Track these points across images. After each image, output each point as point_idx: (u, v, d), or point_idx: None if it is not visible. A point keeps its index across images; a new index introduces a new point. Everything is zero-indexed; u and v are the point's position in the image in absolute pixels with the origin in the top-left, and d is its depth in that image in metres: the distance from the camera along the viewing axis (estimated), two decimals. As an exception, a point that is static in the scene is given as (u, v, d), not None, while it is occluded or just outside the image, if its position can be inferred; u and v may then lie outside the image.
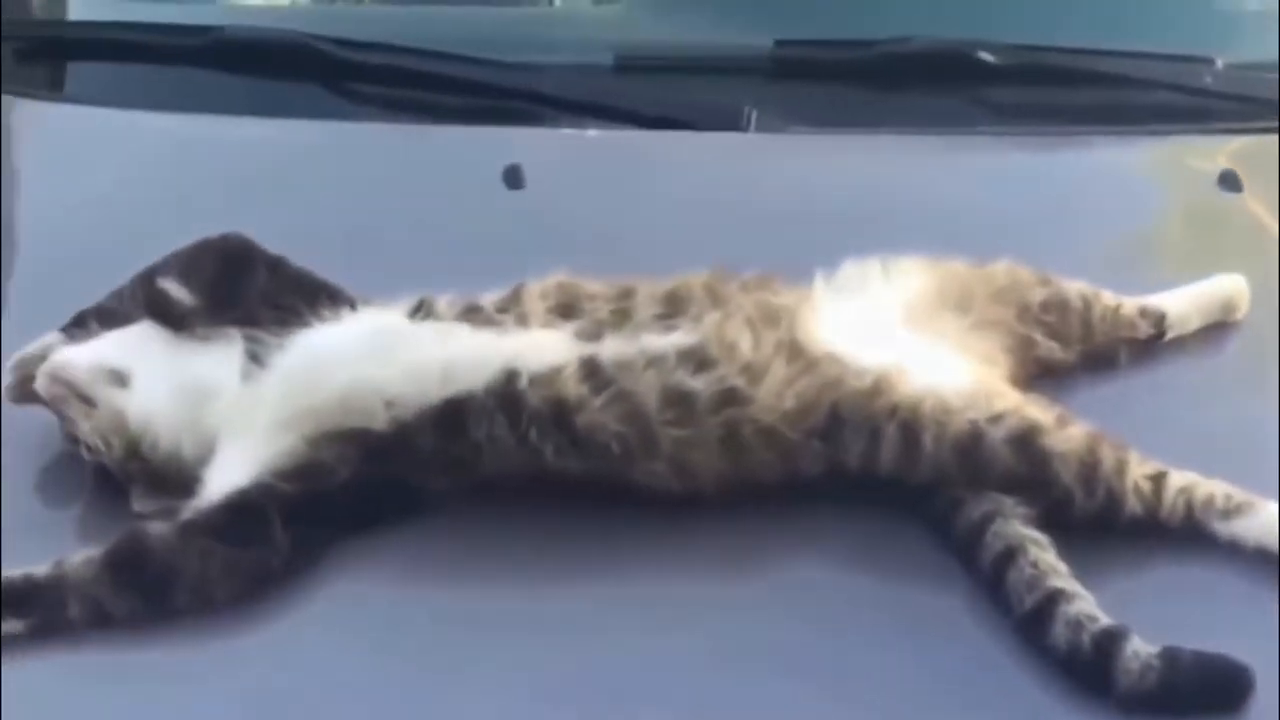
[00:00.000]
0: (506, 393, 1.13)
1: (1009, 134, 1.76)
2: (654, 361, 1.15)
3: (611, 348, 1.15)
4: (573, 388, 1.13)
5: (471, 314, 1.17)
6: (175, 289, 1.20)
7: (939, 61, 1.77)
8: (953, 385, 1.17)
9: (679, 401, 1.14)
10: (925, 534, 1.18)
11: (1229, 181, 1.61)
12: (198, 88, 1.76)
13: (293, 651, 1.09)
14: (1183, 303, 1.38)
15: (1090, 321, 1.33)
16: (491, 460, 1.15)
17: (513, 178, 1.52)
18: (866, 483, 1.18)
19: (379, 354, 1.15)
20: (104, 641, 1.07)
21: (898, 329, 1.23)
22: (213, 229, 1.45)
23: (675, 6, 1.98)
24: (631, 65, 1.75)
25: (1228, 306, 1.40)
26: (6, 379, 1.20)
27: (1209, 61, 1.80)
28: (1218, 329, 1.42)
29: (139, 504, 1.16)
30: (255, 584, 1.10)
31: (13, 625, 1.07)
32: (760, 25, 1.78)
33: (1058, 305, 1.32)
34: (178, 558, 1.09)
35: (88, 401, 1.16)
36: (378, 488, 1.14)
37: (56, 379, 1.16)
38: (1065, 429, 1.16)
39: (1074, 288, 1.34)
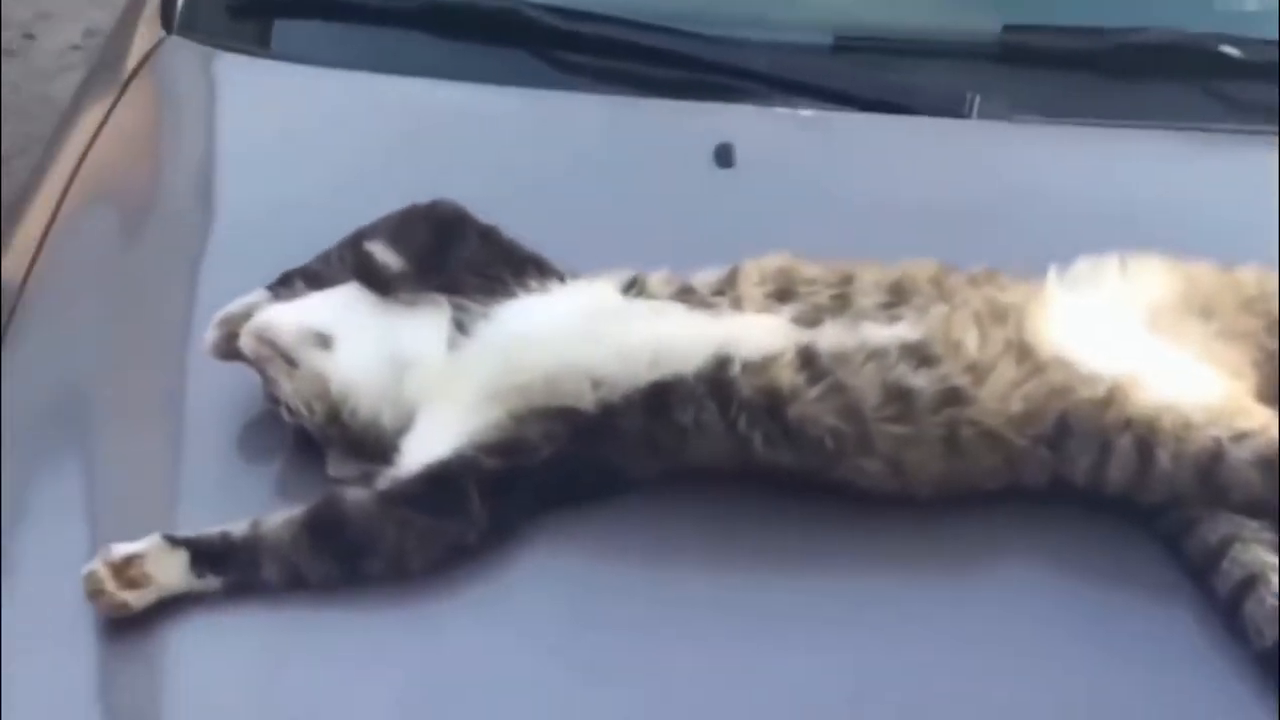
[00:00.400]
0: (717, 379, 1.09)
1: (1247, 131, 1.67)
2: (874, 354, 1.09)
3: (830, 336, 1.10)
4: (787, 377, 1.08)
5: (685, 294, 1.12)
6: (383, 253, 1.17)
7: (1177, 53, 1.67)
8: (1194, 399, 1.09)
9: (899, 398, 1.08)
10: (1145, 543, 1.12)
11: None
12: (406, 50, 1.75)
13: (480, 624, 1.07)
14: None
15: None
16: (696, 446, 1.10)
17: (724, 156, 1.48)
18: (1091, 494, 1.12)
19: (590, 332, 1.11)
20: (296, 602, 1.07)
21: (1135, 333, 1.15)
22: (411, 192, 1.45)
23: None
24: (851, 46, 1.69)
25: None
26: (211, 334, 1.18)
27: None
28: None
29: (334, 468, 1.14)
30: (449, 555, 1.07)
31: (209, 582, 1.06)
32: (986, 9, 1.71)
33: None
34: (375, 526, 1.06)
35: (291, 363, 1.14)
36: (578, 467, 1.11)
37: (261, 338, 1.14)
38: None
39: None
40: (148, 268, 1.39)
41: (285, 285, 1.20)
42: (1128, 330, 1.15)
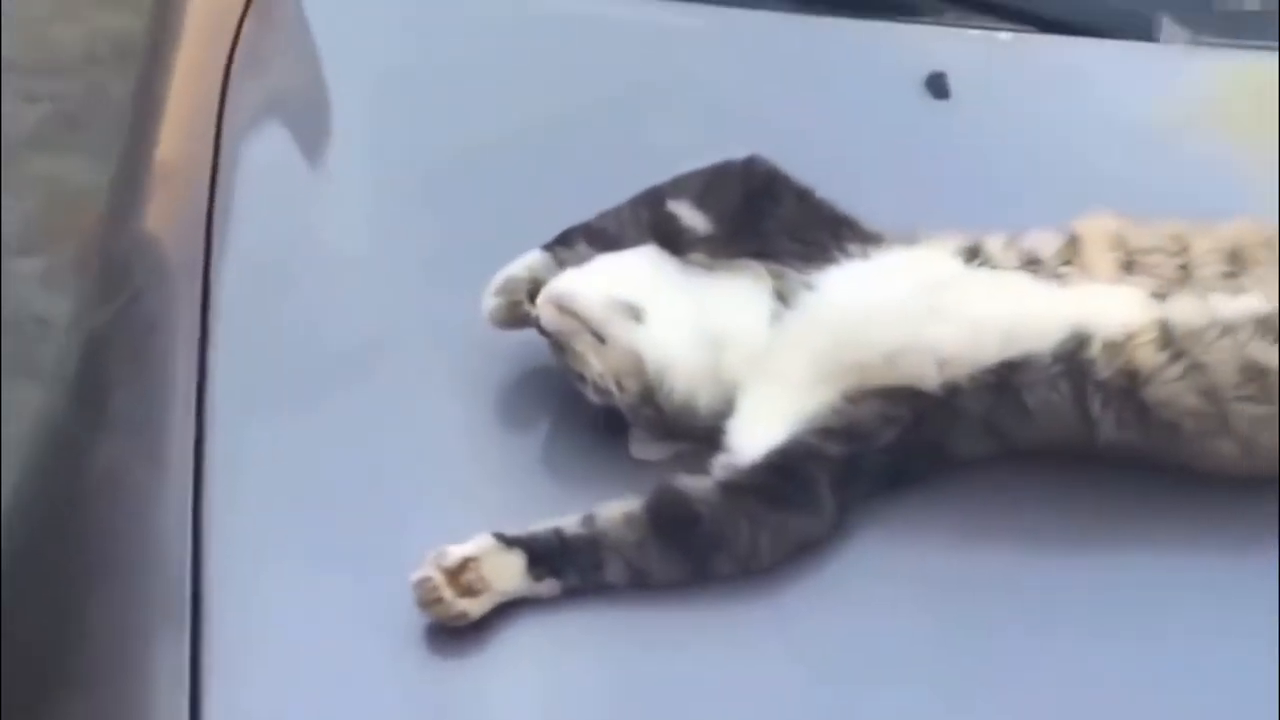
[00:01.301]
0: (1075, 357, 1.02)
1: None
2: (1227, 329, 1.03)
3: (1182, 310, 1.04)
4: (1148, 356, 1.02)
5: (1033, 264, 1.05)
6: (689, 214, 1.08)
7: None
8: None
9: (1256, 375, 1.03)
10: None
11: None
12: None
13: (834, 618, 1.00)
14: None
15: None
16: (1038, 428, 1.04)
17: (938, 86, 1.40)
18: None
19: (934, 306, 1.03)
20: (640, 603, 0.99)
21: None
22: (595, 114, 1.36)
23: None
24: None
25: None
26: (491, 301, 1.08)
27: None
28: None
29: (640, 450, 1.06)
30: (800, 550, 1.00)
31: (548, 585, 0.97)
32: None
33: None
34: (726, 523, 0.99)
35: (599, 336, 1.05)
36: (916, 450, 1.04)
37: (566, 309, 1.04)
38: None
39: None
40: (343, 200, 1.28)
41: (565, 245, 1.10)
42: None
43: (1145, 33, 1.51)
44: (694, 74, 1.44)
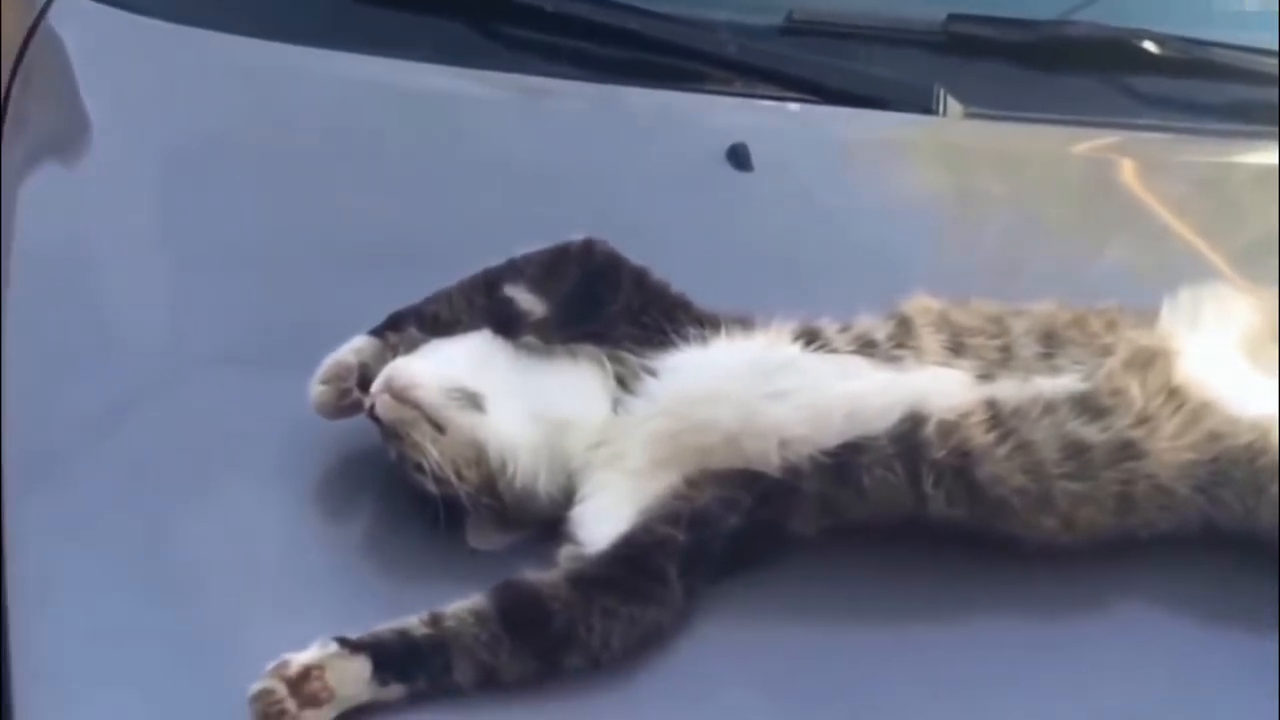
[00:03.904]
0: (910, 438, 1.04)
1: (1159, 128, 1.73)
2: (1048, 408, 1.07)
3: (1008, 391, 1.07)
4: (978, 436, 1.05)
5: (868, 348, 1.07)
6: (526, 298, 1.06)
7: (1097, 47, 1.72)
8: (1328, 439, 1.13)
9: (1076, 453, 1.06)
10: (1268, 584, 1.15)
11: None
12: (284, 12, 1.58)
13: (685, 707, 0.99)
14: None
15: None
16: (873, 505, 1.06)
17: (739, 157, 1.41)
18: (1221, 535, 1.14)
19: (775, 390, 1.04)
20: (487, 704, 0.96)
21: (1250, 368, 1.17)
22: (378, 184, 1.33)
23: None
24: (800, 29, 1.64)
25: None
26: (318, 389, 1.04)
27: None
28: None
29: (477, 540, 1.03)
30: (649, 641, 0.99)
31: (394, 690, 0.93)
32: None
33: None
34: (579, 618, 0.97)
35: (438, 427, 1.02)
36: (759, 531, 1.04)
37: (405, 399, 1.01)
38: None
39: None
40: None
41: (395, 330, 1.07)
42: (1244, 366, 1.18)
43: (925, 105, 1.57)
44: (497, 144, 1.42)
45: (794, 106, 1.52)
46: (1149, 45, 1.67)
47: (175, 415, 1.07)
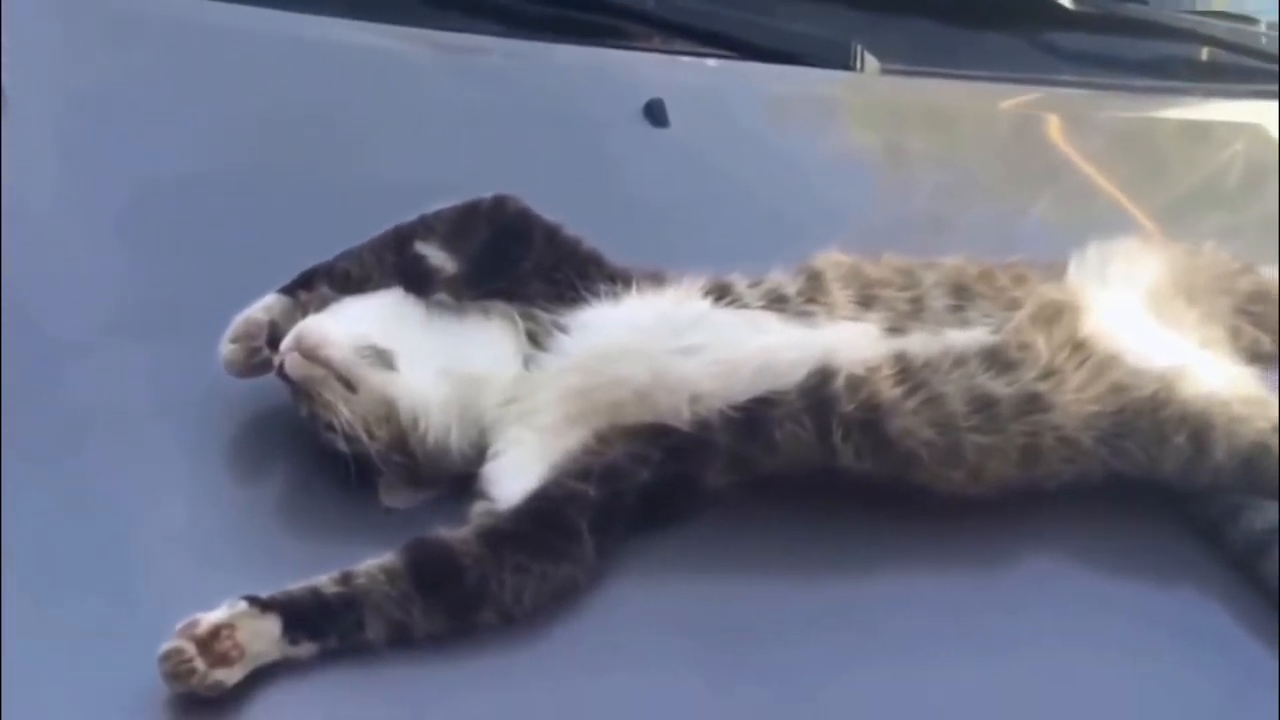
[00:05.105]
0: (820, 391, 1.05)
1: (1077, 84, 1.74)
2: (958, 362, 1.08)
3: (918, 344, 1.08)
4: (887, 390, 1.05)
5: (779, 303, 1.07)
6: (437, 255, 1.05)
7: (1013, 4, 1.73)
8: (1233, 390, 1.14)
9: (984, 406, 1.07)
10: (1171, 531, 1.17)
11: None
12: None
13: (594, 664, 0.99)
14: None
15: None
16: (783, 459, 1.06)
17: (656, 114, 1.40)
18: (1126, 485, 1.15)
19: (686, 345, 1.04)
20: (402, 660, 0.96)
21: (1156, 322, 1.19)
22: (286, 140, 1.31)
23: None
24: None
25: None
26: (228, 348, 1.04)
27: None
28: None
29: (390, 498, 1.03)
30: (560, 599, 0.99)
31: (305, 648, 0.93)
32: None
33: (1261, 294, 1.30)
34: (490, 574, 0.97)
35: (348, 385, 1.01)
36: (671, 487, 1.04)
37: (314, 357, 1.00)
38: None
39: (1268, 275, 1.33)
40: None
41: (306, 288, 1.06)
42: (1150, 320, 1.19)
43: (843, 61, 1.58)
44: (411, 100, 1.42)
45: (712, 62, 1.54)
46: (1065, 2, 1.70)
47: (83, 380, 1.06)
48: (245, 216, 1.22)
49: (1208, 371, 1.15)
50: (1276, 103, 1.74)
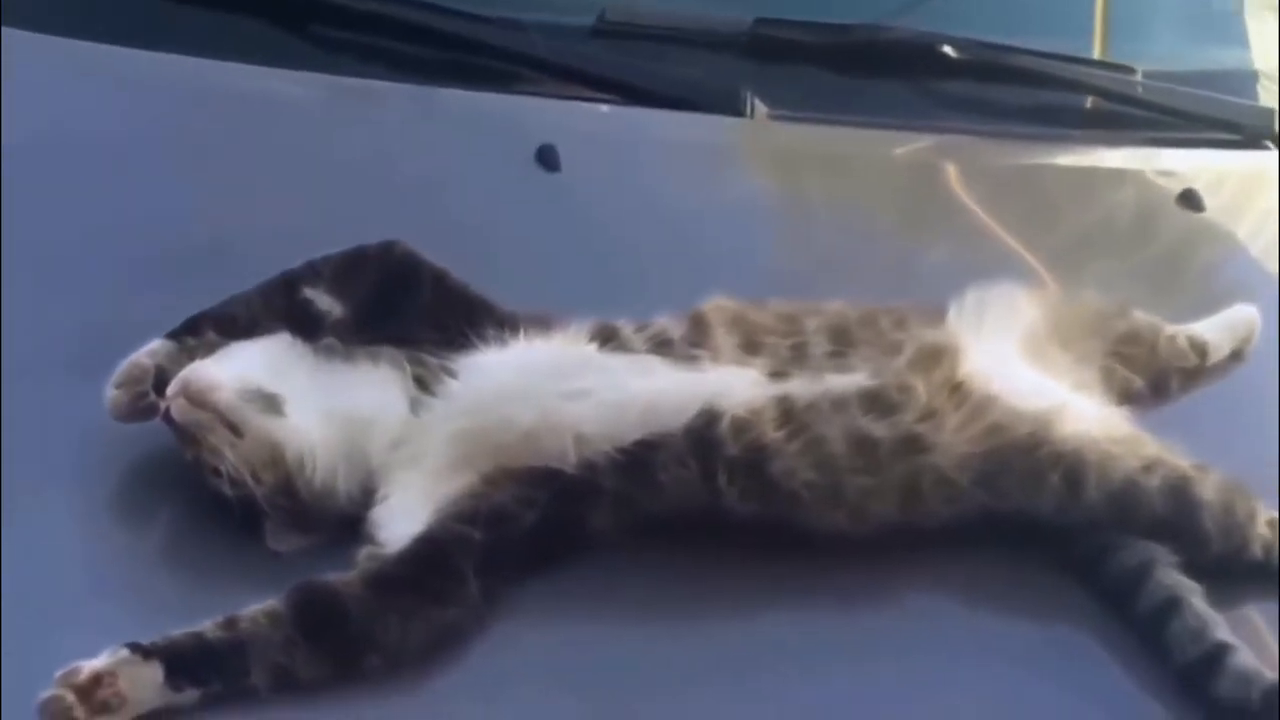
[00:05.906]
0: (705, 434, 1.07)
1: (966, 130, 1.78)
2: (839, 405, 1.10)
3: (800, 388, 1.10)
4: (770, 432, 1.08)
5: (664, 347, 1.09)
6: (325, 300, 1.06)
7: (901, 51, 1.77)
8: (1103, 430, 1.18)
9: (865, 449, 1.10)
10: (1046, 569, 1.20)
11: (1190, 200, 1.68)
12: (94, 11, 1.55)
13: (460, 706, 1.00)
14: (1217, 333, 1.44)
15: (1156, 351, 1.36)
16: (669, 501, 1.08)
17: (548, 159, 1.42)
18: (1003, 525, 1.18)
19: (572, 388, 1.06)
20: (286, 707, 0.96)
21: (1032, 365, 1.22)
22: (186, 188, 1.31)
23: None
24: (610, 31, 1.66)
25: (1247, 337, 1.46)
26: (113, 393, 1.04)
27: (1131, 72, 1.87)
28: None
29: (276, 541, 1.04)
30: (448, 643, 1.00)
31: (188, 695, 0.93)
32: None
33: (1133, 337, 1.34)
34: (375, 618, 0.97)
35: (234, 429, 1.02)
36: (558, 531, 1.06)
37: (201, 403, 1.01)
38: (1207, 476, 1.18)
39: (1142, 318, 1.37)
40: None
41: (193, 333, 1.06)
42: (1025, 363, 1.23)
43: (733, 107, 1.60)
44: (298, 144, 1.42)
45: (604, 108, 1.55)
46: (949, 50, 1.74)
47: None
48: (126, 264, 1.21)
49: (1081, 412, 1.19)
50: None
